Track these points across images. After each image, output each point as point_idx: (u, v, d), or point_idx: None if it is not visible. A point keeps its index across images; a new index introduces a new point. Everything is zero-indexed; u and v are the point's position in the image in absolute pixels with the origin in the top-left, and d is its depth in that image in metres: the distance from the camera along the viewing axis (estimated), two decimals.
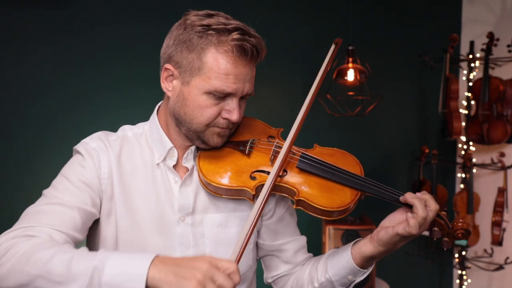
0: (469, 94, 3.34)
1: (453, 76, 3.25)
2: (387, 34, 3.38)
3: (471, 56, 3.35)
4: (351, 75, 2.87)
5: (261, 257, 1.39)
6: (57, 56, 2.72)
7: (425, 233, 1.21)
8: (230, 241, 1.24)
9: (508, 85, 3.15)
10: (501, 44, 3.20)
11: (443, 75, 3.26)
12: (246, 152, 1.23)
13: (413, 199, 1.13)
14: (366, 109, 2.99)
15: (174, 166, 1.24)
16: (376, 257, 1.20)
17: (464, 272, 3.39)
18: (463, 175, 3.39)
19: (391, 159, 3.53)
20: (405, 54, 3.42)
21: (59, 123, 2.71)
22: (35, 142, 2.69)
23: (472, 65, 3.36)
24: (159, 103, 1.31)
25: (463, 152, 3.41)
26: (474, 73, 3.38)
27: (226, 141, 1.24)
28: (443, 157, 3.45)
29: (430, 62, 3.39)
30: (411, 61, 3.46)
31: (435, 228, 1.17)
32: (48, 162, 2.66)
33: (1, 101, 2.65)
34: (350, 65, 2.89)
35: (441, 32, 3.39)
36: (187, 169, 1.24)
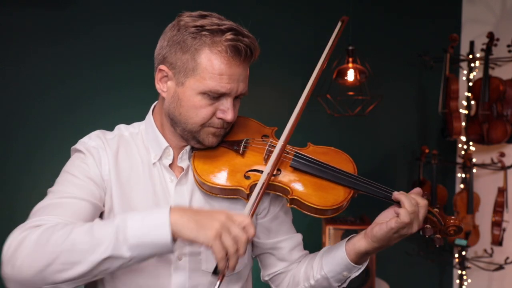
0: (469, 94, 3.34)
1: (453, 76, 3.25)
2: (387, 34, 3.38)
3: (471, 56, 3.35)
4: (351, 75, 2.87)
5: (257, 255, 1.40)
6: (57, 56, 2.72)
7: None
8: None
9: (508, 85, 3.15)
10: (501, 44, 3.20)
11: (443, 75, 3.26)
12: (240, 151, 1.24)
13: (399, 195, 1.16)
14: (366, 109, 2.99)
15: (170, 166, 1.25)
16: (370, 253, 1.22)
17: (464, 272, 3.39)
18: (463, 175, 3.39)
19: (391, 159, 3.53)
20: (405, 54, 3.42)
21: (59, 123, 2.71)
22: (35, 142, 2.68)
23: (472, 65, 3.36)
24: (154, 103, 1.32)
25: (463, 152, 3.42)
26: (474, 73, 3.38)
27: (221, 140, 1.25)
28: (443, 157, 3.45)
29: (430, 62, 3.39)
30: (411, 61, 3.45)
31: (427, 225, 1.19)
32: (48, 162, 2.66)
33: (1, 101, 2.65)
34: (350, 65, 2.89)
35: (441, 32, 3.39)
36: (182, 168, 1.26)
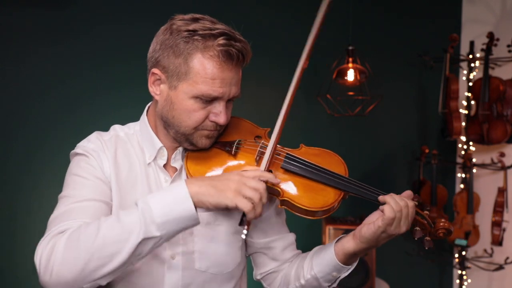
0: (469, 94, 3.34)
1: (453, 76, 3.25)
2: (387, 34, 3.38)
3: (471, 56, 3.35)
4: (351, 75, 2.87)
5: (250, 254, 1.42)
6: (57, 56, 2.71)
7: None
8: (219, 238, 1.27)
9: (508, 85, 3.15)
10: (501, 44, 3.21)
11: (443, 75, 3.26)
12: (233, 152, 1.25)
13: (385, 196, 1.18)
14: (366, 109, 2.98)
15: (164, 166, 1.26)
16: (359, 254, 1.23)
17: (464, 272, 3.40)
18: (463, 175, 3.39)
19: (391, 159, 3.53)
20: (405, 54, 3.42)
21: (59, 123, 2.71)
22: (35, 142, 2.68)
23: (472, 65, 3.36)
24: (148, 103, 1.33)
25: (463, 152, 3.42)
26: (474, 73, 3.38)
27: (214, 142, 1.26)
28: (443, 157, 3.45)
29: (430, 62, 3.39)
30: (411, 61, 3.46)
31: (417, 228, 1.21)
32: (48, 162, 2.66)
33: (1, 101, 2.65)
34: (350, 65, 2.89)
35: (441, 32, 3.39)
36: (176, 169, 1.27)
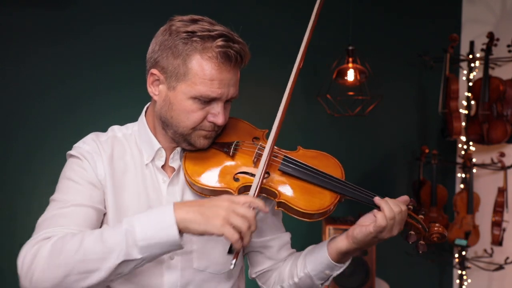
0: (469, 94, 3.34)
1: (453, 76, 3.25)
2: (387, 34, 3.38)
3: (471, 56, 3.35)
4: (351, 75, 2.87)
5: (246, 253, 1.43)
6: (57, 56, 2.71)
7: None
8: (217, 238, 1.26)
9: (508, 85, 3.15)
10: (501, 44, 3.21)
11: (443, 75, 3.26)
12: (230, 153, 1.25)
13: (380, 200, 1.19)
14: (366, 109, 2.98)
15: (162, 166, 1.27)
16: (351, 253, 1.24)
17: (464, 272, 3.40)
18: (463, 175, 3.39)
19: (391, 159, 3.53)
20: (405, 54, 3.42)
21: (59, 123, 2.71)
22: (35, 142, 2.68)
23: (472, 65, 3.36)
24: (147, 104, 1.33)
25: (463, 152, 3.42)
26: (474, 73, 3.38)
27: (212, 142, 1.26)
28: (443, 157, 3.45)
29: (430, 62, 3.39)
30: (411, 61, 3.45)
31: (411, 232, 1.22)
32: (48, 162, 2.66)
33: (1, 101, 2.65)
34: (350, 65, 2.89)
35: (441, 32, 3.39)
36: (174, 169, 1.28)
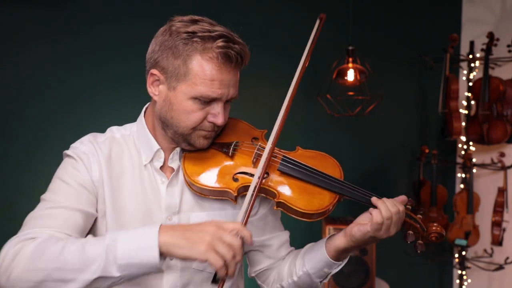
0: (469, 94, 3.34)
1: (453, 76, 3.25)
2: (387, 34, 3.38)
3: (471, 56, 3.35)
4: (351, 75, 2.87)
5: (245, 252, 1.43)
6: (57, 56, 2.71)
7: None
8: None
9: (508, 85, 3.15)
10: (501, 44, 3.20)
11: (443, 75, 3.26)
12: (230, 154, 1.25)
13: (377, 200, 1.20)
14: (366, 109, 2.98)
15: (160, 167, 1.27)
16: (350, 251, 1.25)
17: (464, 272, 3.39)
18: (463, 175, 3.39)
19: (391, 159, 3.53)
20: (405, 54, 3.42)
21: (59, 123, 2.71)
22: (35, 142, 2.68)
23: (472, 65, 3.36)
24: (146, 104, 1.33)
25: (463, 152, 3.42)
26: (474, 73, 3.38)
27: (211, 142, 1.27)
28: (443, 157, 3.45)
29: (430, 62, 3.39)
30: (411, 61, 3.45)
31: (410, 232, 1.22)
32: (48, 162, 2.64)
33: (1, 101, 2.65)
34: (350, 65, 2.89)
35: (441, 32, 3.39)
36: (173, 169, 1.28)
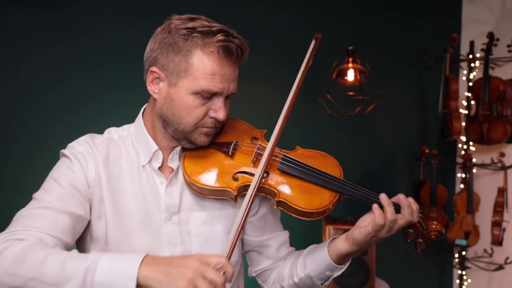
0: (469, 94, 3.34)
1: (453, 76, 3.25)
2: (387, 34, 3.38)
3: (471, 56, 3.35)
4: (351, 75, 2.87)
5: (245, 252, 1.43)
6: (57, 56, 2.71)
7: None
8: (216, 238, 1.27)
9: (508, 85, 3.15)
10: (501, 44, 3.20)
11: (443, 75, 3.26)
12: (230, 153, 1.25)
13: (384, 200, 1.18)
14: (366, 109, 2.98)
15: (159, 167, 1.26)
16: (352, 254, 1.25)
17: (464, 272, 3.39)
18: (463, 175, 3.39)
19: (391, 159, 3.53)
20: (405, 54, 3.42)
21: (59, 123, 2.71)
22: (35, 142, 2.68)
23: (472, 65, 3.36)
24: (144, 105, 1.33)
25: (463, 152, 3.42)
26: (474, 73, 3.38)
27: (211, 140, 1.26)
28: (443, 157, 3.45)
29: (430, 62, 3.39)
30: (411, 61, 3.45)
31: (410, 230, 1.22)
32: (48, 162, 2.64)
33: (1, 101, 2.65)
34: (350, 65, 2.89)
35: (441, 32, 3.39)
36: (172, 169, 1.27)
